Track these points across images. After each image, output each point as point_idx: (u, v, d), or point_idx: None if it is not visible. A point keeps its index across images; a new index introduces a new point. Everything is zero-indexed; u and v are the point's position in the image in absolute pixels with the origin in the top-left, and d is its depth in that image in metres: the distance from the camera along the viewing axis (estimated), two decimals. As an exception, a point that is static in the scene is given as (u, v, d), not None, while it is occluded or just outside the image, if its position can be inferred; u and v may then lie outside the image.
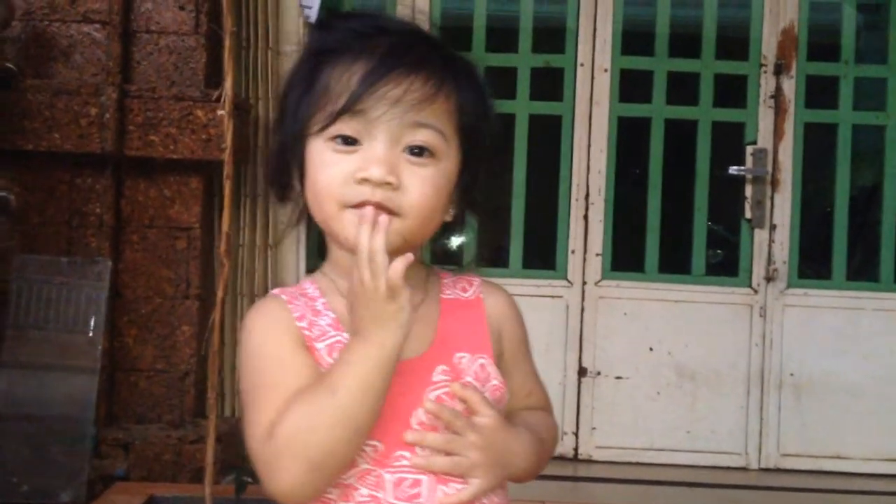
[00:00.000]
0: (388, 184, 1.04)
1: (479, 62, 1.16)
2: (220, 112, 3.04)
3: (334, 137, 1.07)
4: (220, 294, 2.63)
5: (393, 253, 1.02)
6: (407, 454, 1.06)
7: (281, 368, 1.06)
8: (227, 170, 2.71)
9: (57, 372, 3.01)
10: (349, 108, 1.05)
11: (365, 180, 1.05)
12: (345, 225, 1.06)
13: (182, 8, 3.26)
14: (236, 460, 3.13)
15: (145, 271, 3.22)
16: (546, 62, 3.79)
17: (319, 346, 1.07)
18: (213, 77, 3.25)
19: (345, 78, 1.06)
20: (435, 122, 1.07)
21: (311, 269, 3.43)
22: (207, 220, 3.28)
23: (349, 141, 1.06)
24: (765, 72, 3.74)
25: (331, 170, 1.06)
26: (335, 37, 1.11)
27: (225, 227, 2.66)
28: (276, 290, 1.13)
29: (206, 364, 3.17)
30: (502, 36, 3.85)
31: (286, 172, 1.12)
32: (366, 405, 1.00)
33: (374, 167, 1.04)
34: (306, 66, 1.12)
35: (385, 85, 1.05)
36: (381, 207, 1.04)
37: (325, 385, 1.02)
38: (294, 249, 3.41)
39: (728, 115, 3.82)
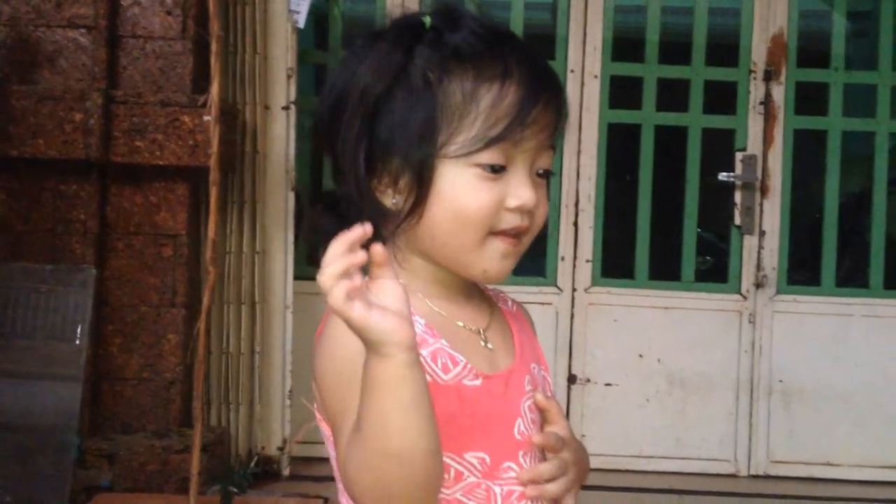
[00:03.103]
0: (533, 208, 1.04)
1: None
2: (206, 118, 3.02)
3: (482, 164, 1.01)
4: (206, 302, 2.61)
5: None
6: (514, 465, 1.03)
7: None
8: (214, 176, 2.69)
9: (41, 381, 2.97)
10: (507, 137, 1.01)
11: (518, 208, 1.02)
12: (486, 255, 1.03)
13: (169, 13, 3.24)
14: (222, 470, 3.11)
15: (131, 279, 3.19)
16: (535, 68, 3.78)
17: (423, 352, 0.98)
18: (200, 82, 3.22)
19: (495, 102, 1.01)
20: (555, 142, 1.07)
21: (299, 276, 3.43)
22: (194, 227, 3.25)
23: (497, 168, 1.02)
24: (754, 78, 3.74)
25: (481, 196, 1.01)
26: (462, 37, 1.03)
27: (211, 234, 2.64)
28: None
29: (192, 373, 3.15)
30: (492, 42, 3.83)
31: (361, 180, 1.02)
32: (393, 430, 0.87)
33: (527, 193, 1.02)
34: (421, 71, 1.02)
35: (539, 112, 1.02)
36: (521, 232, 1.04)
37: (358, 420, 0.90)
38: (282, 257, 3.38)
39: (718, 121, 3.82)
